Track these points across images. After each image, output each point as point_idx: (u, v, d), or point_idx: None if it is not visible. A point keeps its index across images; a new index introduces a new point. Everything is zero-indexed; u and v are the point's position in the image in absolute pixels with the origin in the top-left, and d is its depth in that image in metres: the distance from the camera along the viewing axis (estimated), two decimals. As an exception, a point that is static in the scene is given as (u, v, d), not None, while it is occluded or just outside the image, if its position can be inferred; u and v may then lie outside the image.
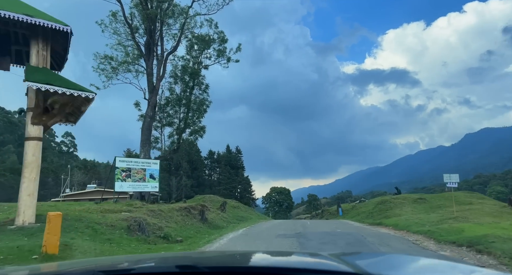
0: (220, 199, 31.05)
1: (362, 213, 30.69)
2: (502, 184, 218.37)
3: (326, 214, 48.31)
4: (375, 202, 36.48)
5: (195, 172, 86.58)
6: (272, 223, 23.07)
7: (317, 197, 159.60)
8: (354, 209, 36.56)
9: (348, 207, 42.34)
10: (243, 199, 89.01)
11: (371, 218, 21.49)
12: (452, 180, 18.27)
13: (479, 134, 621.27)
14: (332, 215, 43.76)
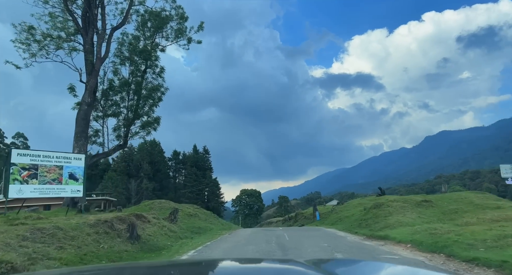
0: (174, 205, 24.71)
1: (345, 218, 25.57)
2: (460, 183, 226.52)
3: (300, 218, 43.12)
4: (356, 204, 31.70)
5: (157, 174, 78.79)
6: (237, 236, 17.17)
7: (288, 198, 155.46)
8: (334, 212, 31.52)
9: (325, 210, 37.40)
10: (211, 202, 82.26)
11: (366, 228, 16.21)
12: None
13: (437, 136, 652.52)
14: (308, 220, 38.61)
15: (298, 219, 43.03)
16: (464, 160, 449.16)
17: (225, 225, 27.85)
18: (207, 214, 27.96)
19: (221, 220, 32.08)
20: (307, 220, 38.36)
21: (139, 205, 28.03)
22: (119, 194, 70.77)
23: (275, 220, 66.36)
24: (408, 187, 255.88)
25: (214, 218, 28.37)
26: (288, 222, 47.85)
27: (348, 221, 22.86)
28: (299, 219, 42.40)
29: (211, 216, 28.13)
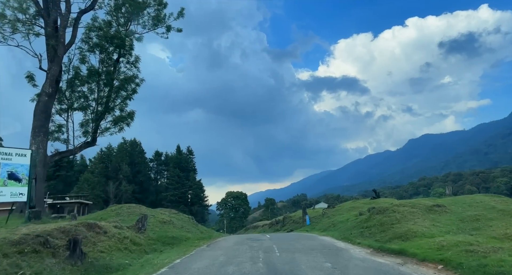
0: (145, 211, 21.44)
1: (339, 224, 22.88)
2: (443, 186, 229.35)
3: (288, 222, 40.34)
4: (349, 208, 29.16)
5: (138, 176, 74.73)
6: (216, 249, 14.14)
7: (274, 201, 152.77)
8: (325, 217, 28.84)
9: (315, 214, 34.74)
10: (195, 206, 78.69)
11: (370, 237, 13.49)
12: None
13: (420, 139, 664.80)
14: (296, 224, 35.85)
15: (286, 223, 40.25)
16: (446, 163, 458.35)
17: (205, 232, 24.73)
18: (185, 220, 24.78)
19: (201, 227, 28.89)
20: (295, 225, 35.61)
21: (104, 210, 24.54)
22: (96, 197, 66.41)
23: (262, 224, 63.42)
24: (393, 189, 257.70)
25: (193, 224, 25.21)
26: (275, 226, 45.02)
27: (343, 227, 20.17)
28: (287, 223, 39.63)
29: (189, 222, 24.95)
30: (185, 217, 26.73)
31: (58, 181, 67.49)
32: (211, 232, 28.13)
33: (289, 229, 34.06)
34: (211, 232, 28.46)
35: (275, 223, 46.89)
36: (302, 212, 34.22)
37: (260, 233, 53.07)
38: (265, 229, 52.50)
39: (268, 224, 53.13)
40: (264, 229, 53.97)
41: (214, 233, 27.20)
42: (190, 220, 26.49)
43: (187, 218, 26.53)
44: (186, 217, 26.98)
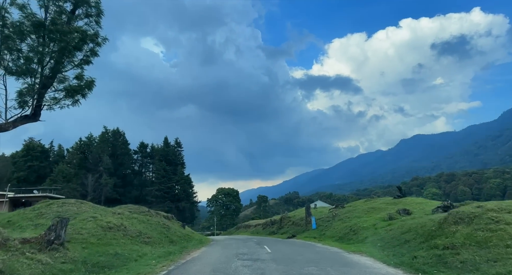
0: (88, 209, 14.67)
1: (365, 231, 16.43)
2: (436, 186, 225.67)
3: (287, 224, 33.89)
4: (367, 209, 22.83)
5: (120, 169, 67.59)
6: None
7: (266, 198, 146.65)
8: (338, 219, 22.46)
9: (320, 215, 28.44)
10: (182, 202, 71.91)
11: (472, 272, 6.96)
12: None
13: (412, 140, 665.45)
14: (297, 227, 29.47)
15: (283, 225, 33.86)
16: (436, 164, 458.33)
17: (180, 240, 18.06)
18: (151, 222, 18.05)
19: (178, 230, 22.19)
20: (296, 228, 29.24)
21: (25, 209, 17.67)
22: (71, 191, 59.19)
23: (254, 224, 57.01)
24: (385, 188, 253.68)
25: (162, 229, 18.48)
26: (270, 228, 38.67)
27: (378, 239, 13.78)
28: (286, 225, 33.24)
29: (156, 226, 18.22)
30: (155, 220, 19.96)
31: (29, 173, 60.13)
32: (190, 238, 21.42)
33: (289, 233, 27.63)
34: (191, 237, 21.75)
35: (270, 224, 40.50)
36: (305, 212, 27.82)
37: (253, 234, 46.68)
38: (258, 230, 46.16)
39: (262, 224, 46.76)
40: (257, 230, 47.61)
41: (191, 242, 20.33)
42: (161, 223, 19.75)
43: (156, 221, 19.75)
44: (156, 220, 20.22)
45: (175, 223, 28.79)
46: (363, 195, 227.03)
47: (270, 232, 36.10)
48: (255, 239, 21.96)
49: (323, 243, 17.36)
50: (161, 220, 20.60)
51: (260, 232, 42.32)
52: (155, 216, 21.79)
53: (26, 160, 60.20)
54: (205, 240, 22.44)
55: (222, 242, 20.99)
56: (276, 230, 34.55)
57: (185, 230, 29.11)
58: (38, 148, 62.68)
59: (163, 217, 27.03)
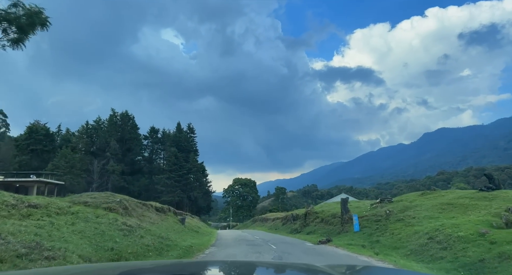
0: None
1: (464, 248, 9.16)
2: (464, 181, 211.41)
3: (313, 221, 26.76)
4: (436, 205, 15.40)
5: (128, 155, 62.34)
6: None
7: (285, 190, 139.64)
8: (396, 220, 15.11)
9: (359, 210, 21.21)
10: (194, 191, 66.10)
11: None
12: None
13: (436, 133, 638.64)
14: (330, 227, 22.25)
15: (309, 222, 26.77)
16: (462, 158, 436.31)
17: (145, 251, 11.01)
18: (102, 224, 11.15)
19: (166, 230, 15.44)
20: (328, 227, 22.11)
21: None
22: (75, 177, 54.32)
23: (272, 217, 50.20)
24: (407, 183, 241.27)
25: (117, 233, 11.52)
26: (292, 224, 31.71)
27: None
28: (312, 223, 26.13)
29: (110, 228, 11.25)
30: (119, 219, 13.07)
31: (32, 157, 55.67)
32: (168, 248, 14.37)
33: (319, 234, 20.56)
34: (171, 247, 14.70)
35: (291, 220, 33.46)
36: (341, 207, 20.51)
37: (270, 230, 39.66)
38: (277, 225, 39.32)
39: (281, 218, 39.86)
40: (275, 224, 40.77)
41: (173, 251, 12.87)
42: (126, 223, 12.94)
43: (124, 219, 12.89)
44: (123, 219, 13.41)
45: (172, 217, 22.24)
46: (385, 189, 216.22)
47: (291, 230, 29.12)
48: (274, 247, 14.94)
49: (390, 260, 10.14)
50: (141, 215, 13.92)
51: (279, 228, 35.45)
52: (133, 210, 15.21)
53: (29, 143, 55.72)
54: (201, 245, 15.62)
55: (224, 249, 14.03)
56: (300, 228, 27.48)
57: (184, 226, 22.56)
58: (42, 131, 58.08)
59: (155, 210, 20.51)
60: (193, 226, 29.62)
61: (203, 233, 25.57)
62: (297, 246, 15.99)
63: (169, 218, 21.17)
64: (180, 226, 21.36)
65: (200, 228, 32.70)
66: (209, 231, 33.22)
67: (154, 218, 17.35)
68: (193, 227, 27.41)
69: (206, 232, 28.09)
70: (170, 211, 23.42)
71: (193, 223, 33.75)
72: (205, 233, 26.43)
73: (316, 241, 17.80)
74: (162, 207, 22.64)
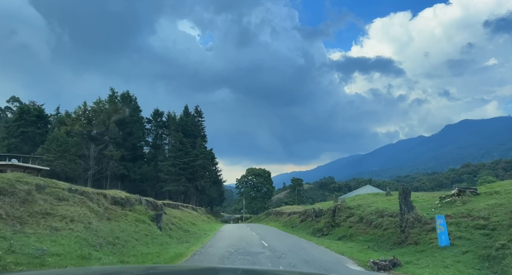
0: None
1: None
2: (492, 174, 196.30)
3: (346, 221, 18.75)
4: None
5: (129, 139, 55.83)
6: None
7: (301, 181, 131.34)
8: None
9: (423, 207, 13.14)
10: (200, 181, 59.18)
11: None
12: None
13: (458, 125, 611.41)
14: (377, 231, 14.32)
15: (339, 222, 18.85)
16: (487, 151, 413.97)
17: None
18: None
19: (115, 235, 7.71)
20: (375, 232, 14.19)
21: None
22: (68, 163, 48.24)
23: (288, 211, 42.44)
24: (429, 175, 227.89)
25: None
26: (313, 223, 23.93)
27: None
28: (344, 223, 18.21)
29: None
30: None
31: (22, 140, 49.94)
32: None
33: (360, 240, 12.76)
34: None
35: (312, 216, 25.55)
36: (401, 202, 12.44)
37: (285, 227, 31.53)
38: (294, 222, 31.55)
39: (300, 214, 31.99)
40: (292, 220, 32.99)
41: None
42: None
43: None
44: None
45: (139, 213, 14.82)
46: (405, 182, 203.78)
47: (314, 230, 21.25)
48: None
49: None
50: None
51: (297, 226, 27.67)
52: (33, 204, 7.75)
53: (19, 125, 49.98)
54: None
55: None
56: (326, 229, 19.56)
57: (159, 226, 15.15)
58: (34, 112, 52.21)
59: (111, 202, 13.17)
60: (183, 223, 22.24)
61: (188, 236, 18.13)
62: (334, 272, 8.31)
63: (132, 216, 13.74)
64: (149, 228, 13.92)
65: (194, 225, 25.31)
66: (206, 229, 25.81)
67: (86, 218, 9.92)
68: (179, 227, 20.01)
69: (197, 234, 20.65)
70: (140, 204, 16.02)
71: (187, 218, 26.45)
72: (192, 235, 19.02)
73: (364, 259, 10.00)
74: (127, 197, 15.25)
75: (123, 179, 56.35)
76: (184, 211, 30.98)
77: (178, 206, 31.21)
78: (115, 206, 13.53)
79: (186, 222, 23.42)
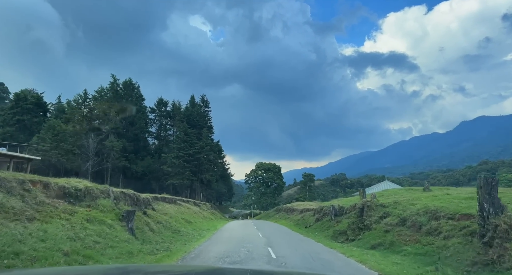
0: None
1: None
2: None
3: (380, 222, 14.32)
4: None
5: (131, 129, 52.33)
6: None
7: (313, 177, 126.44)
8: None
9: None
10: (205, 174, 55.35)
11: None
12: None
13: (475, 122, 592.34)
14: (435, 240, 10.15)
15: (370, 224, 14.44)
16: (505, 148, 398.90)
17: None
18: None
19: None
20: (430, 240, 9.86)
21: None
22: (65, 153, 45.03)
23: (300, 208, 38.09)
24: (444, 173, 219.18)
25: None
26: (332, 223, 19.59)
27: None
28: (379, 225, 13.83)
29: None
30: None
31: (18, 128, 46.93)
32: None
33: (409, 253, 8.44)
34: None
35: (331, 214, 21.13)
36: (480, 198, 8.08)
37: (298, 226, 27.09)
38: (307, 221, 27.24)
39: (314, 211, 27.65)
40: (305, 219, 28.67)
41: None
42: None
43: None
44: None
45: (97, 213, 10.68)
46: (420, 179, 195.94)
47: (335, 233, 16.89)
48: None
49: None
50: None
51: (311, 226, 23.33)
52: None
53: (15, 113, 46.99)
54: None
55: None
56: (352, 232, 15.17)
57: (128, 229, 11.03)
58: (31, 99, 49.14)
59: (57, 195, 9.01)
60: (174, 222, 18.16)
61: (174, 240, 14.01)
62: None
63: (82, 214, 9.65)
64: (109, 231, 9.83)
65: (190, 223, 21.18)
66: (204, 228, 21.65)
67: None
68: (167, 227, 15.94)
69: (189, 235, 16.54)
70: (107, 198, 11.94)
71: (182, 215, 22.40)
72: (181, 238, 14.93)
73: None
74: (87, 188, 11.20)
75: (125, 172, 52.99)
76: (182, 207, 26.99)
77: (175, 201, 27.24)
78: (60, 200, 9.51)
79: (179, 220, 19.36)
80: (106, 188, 12.39)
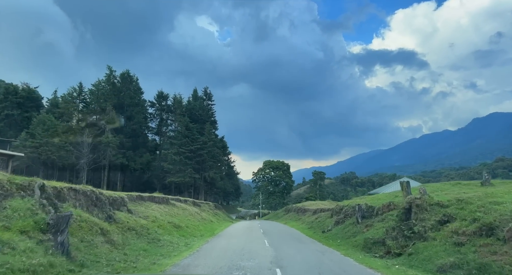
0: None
1: None
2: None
3: (438, 228, 10.10)
4: None
5: (129, 124, 48.48)
6: None
7: (324, 175, 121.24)
8: None
9: None
10: (209, 171, 51.15)
11: None
12: None
13: (487, 119, 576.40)
14: None
15: (427, 232, 10.05)
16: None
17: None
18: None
19: None
20: None
21: None
22: (56, 150, 41.40)
23: (314, 208, 33.55)
24: (456, 170, 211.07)
25: None
26: (359, 228, 15.15)
27: None
28: (439, 236, 9.39)
29: None
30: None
31: (6, 124, 43.51)
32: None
33: None
34: None
35: (358, 216, 16.66)
36: None
37: (312, 229, 21.44)
38: (323, 223, 22.76)
39: (331, 211, 23.20)
40: (321, 221, 24.13)
41: None
42: None
43: None
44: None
45: (11, 217, 6.22)
46: (432, 177, 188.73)
47: (367, 242, 12.42)
48: None
49: None
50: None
51: (330, 231, 18.81)
52: None
53: (3, 107, 43.59)
54: None
55: None
56: (395, 244, 10.70)
57: (61, 255, 6.56)
58: (22, 92, 45.69)
59: None
60: (156, 227, 13.90)
61: (143, 255, 9.70)
62: None
63: None
64: (24, 254, 5.63)
65: (178, 228, 16.88)
66: (196, 234, 17.29)
67: None
68: (142, 234, 11.71)
69: (171, 246, 12.29)
70: (30, 196, 7.77)
71: (172, 218, 18.13)
72: (156, 251, 10.66)
73: None
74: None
75: (123, 170, 49.22)
76: (175, 207, 22.78)
77: (168, 201, 23.03)
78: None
79: (163, 225, 15.09)
80: (32, 182, 8.18)
